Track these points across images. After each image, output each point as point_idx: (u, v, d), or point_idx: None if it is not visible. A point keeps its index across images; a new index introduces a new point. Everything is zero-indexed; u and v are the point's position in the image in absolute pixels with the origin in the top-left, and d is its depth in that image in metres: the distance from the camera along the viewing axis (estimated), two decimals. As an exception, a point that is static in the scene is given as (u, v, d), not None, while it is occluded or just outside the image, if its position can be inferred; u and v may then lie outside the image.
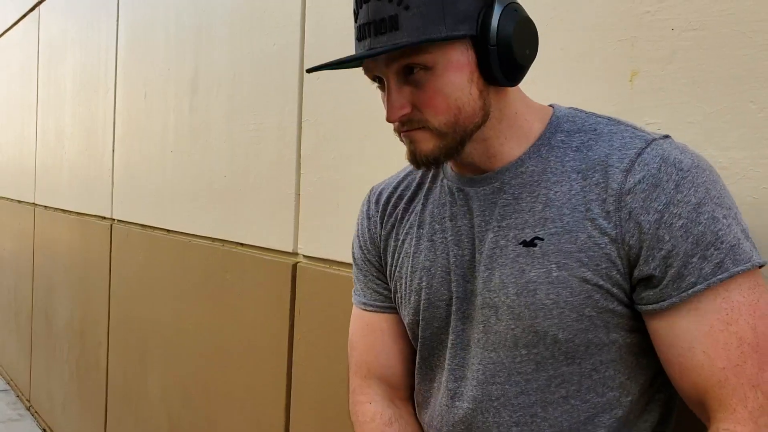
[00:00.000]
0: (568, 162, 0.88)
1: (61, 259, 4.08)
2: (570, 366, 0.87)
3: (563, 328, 0.85)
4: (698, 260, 0.79)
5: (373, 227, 1.09)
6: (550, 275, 0.85)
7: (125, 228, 3.14)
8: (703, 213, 0.80)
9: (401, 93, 0.86)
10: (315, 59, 1.88)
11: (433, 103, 0.85)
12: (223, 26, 2.34)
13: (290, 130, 1.98)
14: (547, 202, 0.88)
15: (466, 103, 0.86)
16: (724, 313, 0.79)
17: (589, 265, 0.84)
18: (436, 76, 0.85)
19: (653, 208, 0.81)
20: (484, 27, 0.84)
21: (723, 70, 0.99)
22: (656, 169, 0.82)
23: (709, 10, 1.01)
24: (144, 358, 2.91)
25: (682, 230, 0.80)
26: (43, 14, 4.51)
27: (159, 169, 2.80)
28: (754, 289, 0.80)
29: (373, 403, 1.08)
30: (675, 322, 0.82)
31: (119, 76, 3.22)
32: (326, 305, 1.81)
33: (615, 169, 0.84)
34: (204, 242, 2.45)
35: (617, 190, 0.83)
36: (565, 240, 0.85)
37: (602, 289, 0.84)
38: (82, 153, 3.72)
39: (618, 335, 0.86)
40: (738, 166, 0.97)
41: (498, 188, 0.92)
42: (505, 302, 0.88)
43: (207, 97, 2.43)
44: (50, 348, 4.25)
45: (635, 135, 0.86)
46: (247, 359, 2.16)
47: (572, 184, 0.87)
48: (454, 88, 0.85)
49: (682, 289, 0.80)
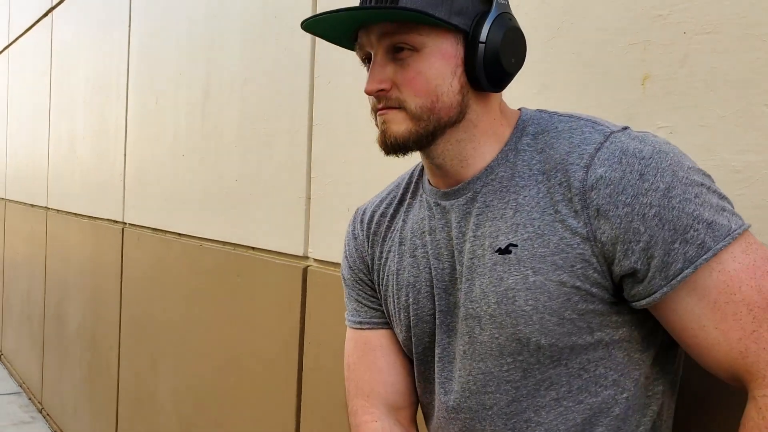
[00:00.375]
0: (535, 165, 0.88)
1: (73, 263, 4.10)
2: (557, 368, 0.87)
3: (545, 333, 0.85)
4: (680, 245, 0.78)
5: (360, 246, 1.09)
6: (527, 281, 0.85)
7: (137, 232, 3.15)
8: (674, 197, 0.78)
9: (385, 69, 0.88)
10: (326, 64, 1.89)
11: (414, 83, 0.86)
12: (234, 32, 2.35)
13: (301, 134, 1.99)
14: (517, 207, 0.87)
15: (444, 92, 0.87)
16: (723, 285, 0.78)
17: (564, 267, 0.83)
18: (422, 58, 0.86)
19: (621, 201, 0.80)
20: (477, 26, 0.86)
21: (736, 73, 0.99)
22: (617, 162, 0.81)
23: (722, 13, 1.00)
24: (155, 361, 2.92)
25: (656, 218, 0.78)
26: (55, 20, 4.55)
27: (170, 174, 2.82)
28: (747, 251, 0.79)
29: (379, 422, 1.05)
30: (678, 307, 0.81)
31: (131, 81, 3.24)
32: (337, 309, 1.81)
33: (575, 166, 0.83)
34: (215, 246, 2.46)
35: (580, 188, 0.82)
36: (538, 244, 0.84)
37: (580, 290, 0.83)
38: (94, 157, 3.74)
39: (603, 333, 0.85)
40: (752, 170, 0.96)
41: (471, 198, 0.92)
42: (487, 311, 0.88)
43: (218, 102, 2.44)
44: (62, 351, 4.27)
45: (594, 129, 0.86)
46: (257, 363, 2.16)
47: (539, 187, 0.86)
48: (436, 74, 0.86)
49: (671, 277, 0.79)
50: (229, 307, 2.35)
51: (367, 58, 0.92)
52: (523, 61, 0.92)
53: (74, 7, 4.19)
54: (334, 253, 1.85)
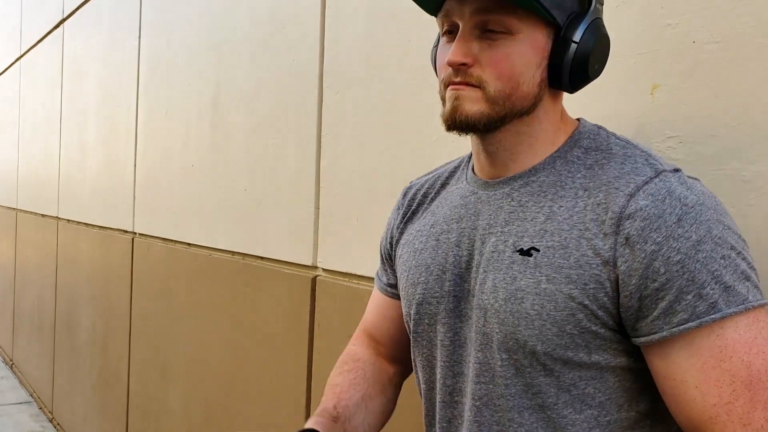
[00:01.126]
0: (579, 179, 0.88)
1: (83, 273, 4.12)
2: (548, 377, 0.87)
3: (543, 340, 0.85)
4: (693, 298, 0.78)
5: (393, 220, 1.14)
6: (539, 286, 0.86)
7: (146, 242, 3.16)
8: (701, 251, 0.79)
9: (471, 44, 0.86)
10: (334, 75, 1.90)
11: (500, 65, 0.85)
12: (243, 43, 2.36)
13: (310, 145, 1.99)
14: (549, 214, 0.88)
15: (526, 82, 0.87)
16: (717, 350, 0.78)
17: (578, 283, 0.83)
18: (514, 42, 0.85)
19: (652, 239, 0.80)
20: (571, 24, 0.87)
21: (745, 83, 0.98)
22: (660, 201, 0.81)
23: (730, 22, 1.00)
24: (165, 371, 2.92)
25: (679, 265, 0.79)
26: (67, 31, 4.59)
27: (180, 184, 2.83)
28: (751, 326, 0.78)
29: (356, 345, 1.21)
30: (669, 354, 0.81)
31: (141, 91, 3.26)
32: (346, 319, 1.81)
33: (620, 192, 0.83)
34: (224, 256, 2.46)
35: (618, 213, 0.82)
36: (559, 255, 0.85)
37: (587, 309, 0.83)
38: (104, 167, 3.76)
39: (600, 357, 0.86)
40: (762, 179, 0.96)
41: (507, 194, 0.93)
42: (494, 306, 0.89)
43: (227, 113, 2.45)
44: (73, 361, 4.28)
45: (647, 163, 0.86)
46: (266, 373, 2.16)
47: (577, 201, 0.87)
48: (523, 62, 0.86)
49: (674, 324, 0.79)
50: (238, 317, 2.35)
51: (450, 29, 0.89)
52: (602, 69, 0.93)
53: (85, 19, 4.22)
54: (343, 263, 1.85)
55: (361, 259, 1.78)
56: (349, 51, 1.84)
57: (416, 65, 1.61)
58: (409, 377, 1.19)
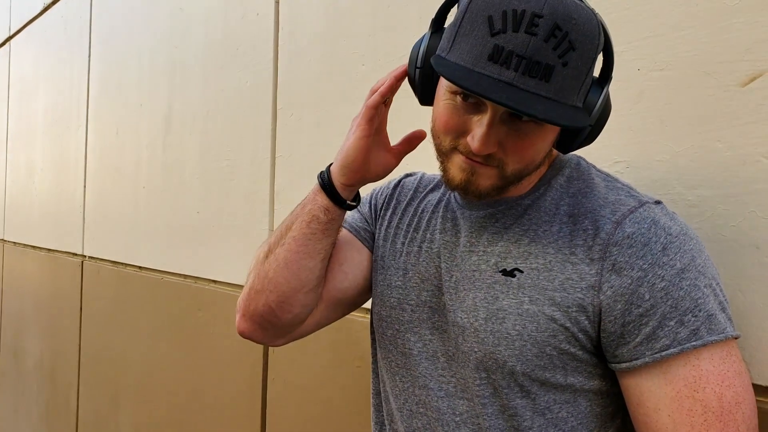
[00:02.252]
0: (563, 206, 0.90)
1: (30, 297, 4.00)
2: (524, 399, 0.88)
3: (522, 360, 0.86)
4: (675, 324, 0.80)
5: (384, 200, 1.10)
6: (521, 307, 0.86)
7: (96, 265, 3.09)
8: (685, 279, 0.80)
9: (498, 131, 0.82)
10: (287, 97, 1.89)
11: (524, 153, 0.84)
12: (196, 64, 2.34)
13: (264, 167, 1.97)
14: (534, 237, 0.89)
15: (540, 158, 0.87)
16: (691, 380, 0.80)
17: (561, 305, 0.84)
18: (542, 132, 0.83)
19: (638, 265, 0.81)
20: (589, 104, 0.83)
21: (690, 109, 1.01)
22: (646, 229, 0.82)
23: (675, 51, 1.03)
24: (116, 398, 2.84)
25: (663, 292, 0.80)
26: (14, 49, 4.48)
27: (131, 206, 2.77)
28: (725, 359, 0.80)
29: None
30: (644, 382, 0.83)
31: (91, 111, 3.20)
32: (300, 344, 1.79)
33: (606, 219, 0.85)
34: (176, 279, 2.42)
35: (605, 239, 0.83)
36: (543, 277, 0.86)
37: (568, 331, 0.84)
38: (53, 189, 3.67)
39: (576, 380, 0.87)
40: (706, 205, 0.98)
41: (490, 214, 0.94)
42: (473, 324, 0.89)
43: (180, 134, 2.42)
44: (19, 389, 4.14)
45: (630, 195, 0.88)
46: (220, 398, 2.12)
47: (561, 227, 0.88)
48: (544, 146, 0.86)
49: (656, 350, 0.81)
50: (191, 342, 2.30)
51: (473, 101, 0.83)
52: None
53: (33, 36, 4.13)
54: (298, 287, 1.83)
55: (316, 282, 1.76)
56: (302, 72, 1.83)
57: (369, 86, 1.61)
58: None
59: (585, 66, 0.78)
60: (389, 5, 1.56)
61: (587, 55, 0.78)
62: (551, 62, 0.75)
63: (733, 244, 0.96)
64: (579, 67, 0.77)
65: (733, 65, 0.97)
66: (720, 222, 0.97)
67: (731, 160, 0.96)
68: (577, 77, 0.78)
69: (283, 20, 1.93)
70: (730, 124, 0.97)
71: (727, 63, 0.97)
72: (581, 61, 0.77)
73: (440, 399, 0.94)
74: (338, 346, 1.67)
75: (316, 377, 1.74)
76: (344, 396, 1.64)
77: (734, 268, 0.95)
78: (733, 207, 0.96)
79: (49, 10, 3.83)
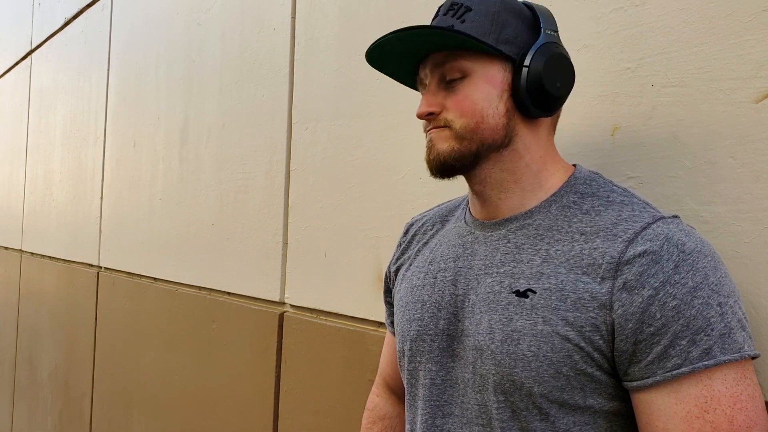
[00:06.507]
0: (575, 223, 0.90)
1: (46, 307, 4.03)
2: (543, 422, 0.87)
3: (539, 381, 0.86)
4: (687, 343, 0.79)
5: (394, 255, 1.18)
6: (535, 328, 0.86)
7: (112, 276, 3.11)
8: (697, 297, 0.80)
9: (436, 95, 0.95)
10: (303, 111, 1.91)
11: (461, 105, 0.92)
12: (213, 77, 2.37)
13: (278, 180, 1.99)
14: (546, 257, 0.89)
15: (490, 114, 0.92)
16: (702, 400, 0.79)
17: (574, 325, 0.84)
18: (470, 82, 0.92)
19: (649, 284, 0.81)
20: (523, 56, 0.92)
21: (703, 125, 1.01)
22: (658, 246, 0.82)
23: (687, 67, 1.03)
24: (129, 408, 2.86)
25: (674, 311, 0.80)
26: (35, 62, 4.55)
27: (147, 218, 2.80)
28: (739, 381, 0.79)
29: (379, 397, 1.27)
30: (654, 400, 0.82)
31: (109, 124, 3.24)
32: (313, 356, 1.79)
33: (618, 238, 0.85)
34: (191, 291, 2.43)
35: (616, 258, 0.83)
36: (556, 297, 0.86)
37: (583, 351, 0.84)
38: (70, 200, 3.71)
39: (595, 401, 0.86)
40: (719, 221, 0.98)
41: (503, 235, 0.95)
42: (490, 347, 0.89)
43: (196, 147, 2.45)
44: (33, 398, 4.16)
45: (645, 210, 0.88)
46: (233, 410, 2.13)
47: (573, 245, 0.88)
48: (482, 97, 0.92)
49: (667, 369, 0.80)
50: (204, 353, 2.31)
51: (423, 87, 0.98)
52: (570, 86, 0.97)
53: (53, 50, 4.19)
54: (311, 299, 1.84)
55: (329, 295, 1.77)
56: (318, 87, 1.85)
57: (385, 101, 1.62)
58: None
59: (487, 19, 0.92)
60: (404, 19, 1.57)
61: (485, 10, 0.92)
62: (451, 23, 0.92)
63: (747, 261, 0.95)
64: (478, 19, 0.91)
65: (747, 82, 0.97)
66: (733, 238, 0.96)
67: (744, 176, 0.96)
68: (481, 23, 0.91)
69: (299, 35, 1.95)
70: (743, 140, 0.96)
71: (741, 79, 0.97)
72: (479, 15, 0.92)
73: (463, 426, 0.94)
74: (351, 359, 1.67)
75: (329, 390, 1.74)
76: (356, 409, 1.64)
77: (748, 285, 0.95)
78: (746, 223, 0.95)
79: (70, 24, 3.90)
